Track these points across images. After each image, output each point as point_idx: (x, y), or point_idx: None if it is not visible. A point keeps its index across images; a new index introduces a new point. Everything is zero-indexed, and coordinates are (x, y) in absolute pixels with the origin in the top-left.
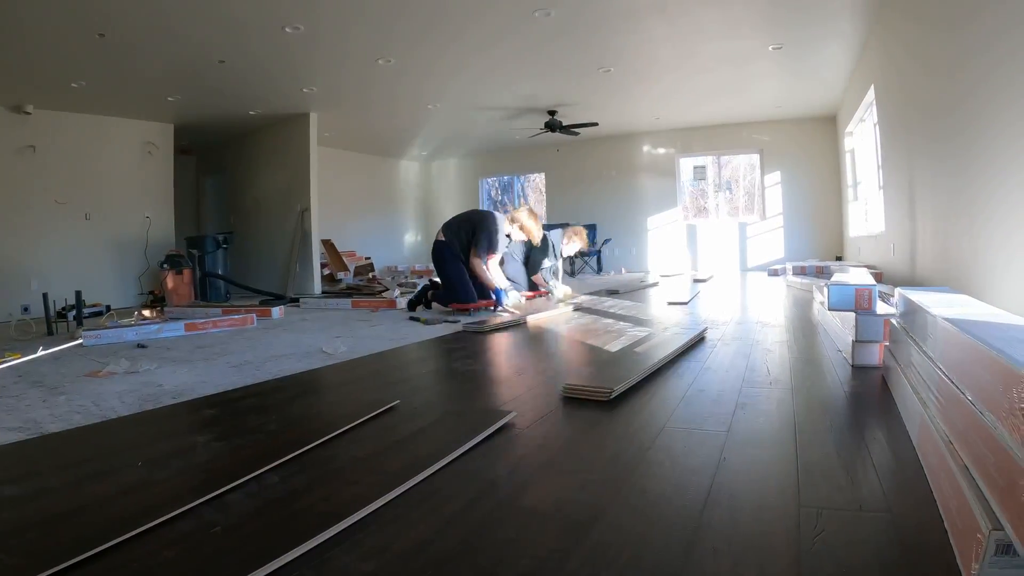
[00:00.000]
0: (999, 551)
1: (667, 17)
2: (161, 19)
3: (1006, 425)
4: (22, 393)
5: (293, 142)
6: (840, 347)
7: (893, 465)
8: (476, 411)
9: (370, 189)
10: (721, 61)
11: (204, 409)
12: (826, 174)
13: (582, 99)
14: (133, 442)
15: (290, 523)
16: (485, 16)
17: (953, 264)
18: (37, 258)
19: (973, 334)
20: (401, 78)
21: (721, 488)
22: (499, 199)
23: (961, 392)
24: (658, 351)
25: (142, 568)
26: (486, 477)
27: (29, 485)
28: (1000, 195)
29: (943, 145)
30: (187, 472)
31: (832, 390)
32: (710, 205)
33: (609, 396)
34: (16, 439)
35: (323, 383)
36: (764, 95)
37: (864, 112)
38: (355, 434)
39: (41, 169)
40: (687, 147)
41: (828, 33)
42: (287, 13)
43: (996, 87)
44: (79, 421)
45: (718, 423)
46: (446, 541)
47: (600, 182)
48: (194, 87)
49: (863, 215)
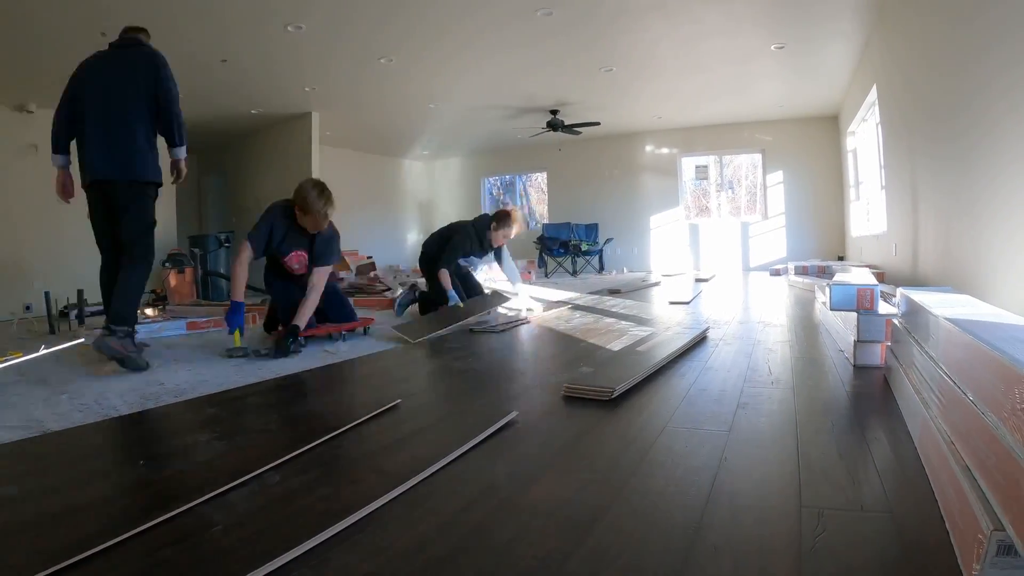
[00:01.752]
0: (1000, 552)
1: (668, 16)
2: (163, 18)
3: (1008, 425)
4: (24, 392)
5: (295, 141)
6: (842, 347)
7: (895, 465)
8: (477, 410)
9: (372, 188)
10: (723, 60)
11: (205, 408)
12: (828, 174)
13: (584, 98)
14: (134, 441)
15: (290, 522)
16: (487, 16)
17: (955, 264)
18: (39, 257)
19: (975, 334)
20: (403, 77)
21: (722, 488)
22: (501, 198)
23: (963, 392)
24: (660, 350)
25: (142, 567)
26: (487, 477)
27: (30, 484)
28: (1003, 196)
29: (946, 146)
30: (188, 471)
31: (834, 390)
32: (712, 205)
33: (611, 395)
34: (18, 437)
35: (325, 382)
36: (766, 94)
37: (866, 112)
38: (356, 433)
39: (44, 168)
40: (689, 146)
41: (830, 32)
42: (289, 12)
43: (1000, 89)
44: (80, 420)
45: (720, 423)
46: (447, 541)
47: (602, 181)
48: (196, 86)
49: (865, 215)
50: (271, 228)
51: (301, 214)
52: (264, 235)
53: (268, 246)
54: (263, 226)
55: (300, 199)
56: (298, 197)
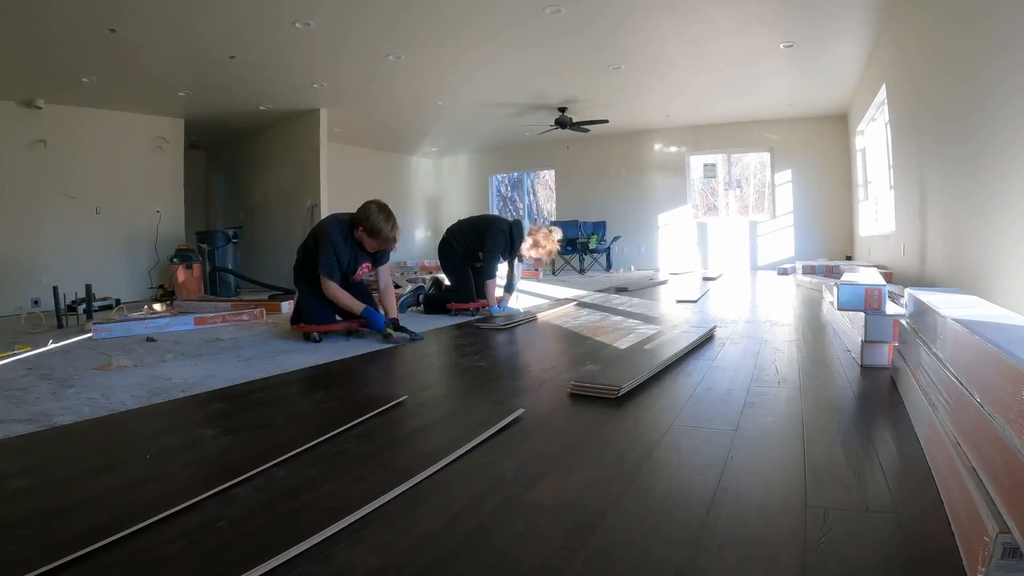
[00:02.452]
0: (1006, 554)
1: (677, 14)
2: (171, 14)
3: (1014, 427)
4: (32, 386)
5: (303, 138)
6: (849, 347)
7: (901, 466)
8: (484, 407)
9: (380, 185)
10: (731, 59)
11: (213, 403)
12: (837, 173)
13: (592, 96)
14: (142, 435)
15: (296, 518)
16: (495, 13)
17: (963, 265)
18: (47, 252)
19: (982, 335)
20: (411, 74)
21: (728, 487)
22: (508, 195)
23: (970, 393)
24: (667, 349)
25: (148, 561)
26: (493, 473)
27: (38, 477)
28: (1012, 199)
29: (955, 147)
30: (195, 465)
31: (841, 390)
32: (720, 203)
33: (617, 394)
34: (26, 431)
35: (332, 377)
36: (774, 93)
37: (875, 111)
38: (363, 429)
39: (52, 164)
40: (697, 145)
41: (839, 31)
42: (297, 8)
43: (1010, 92)
44: (88, 414)
45: (726, 422)
46: (452, 537)
47: (610, 179)
48: (204, 82)
49: (873, 215)
50: (336, 254)
51: (366, 236)
52: (335, 263)
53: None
54: (328, 254)
55: (369, 225)
56: (365, 222)
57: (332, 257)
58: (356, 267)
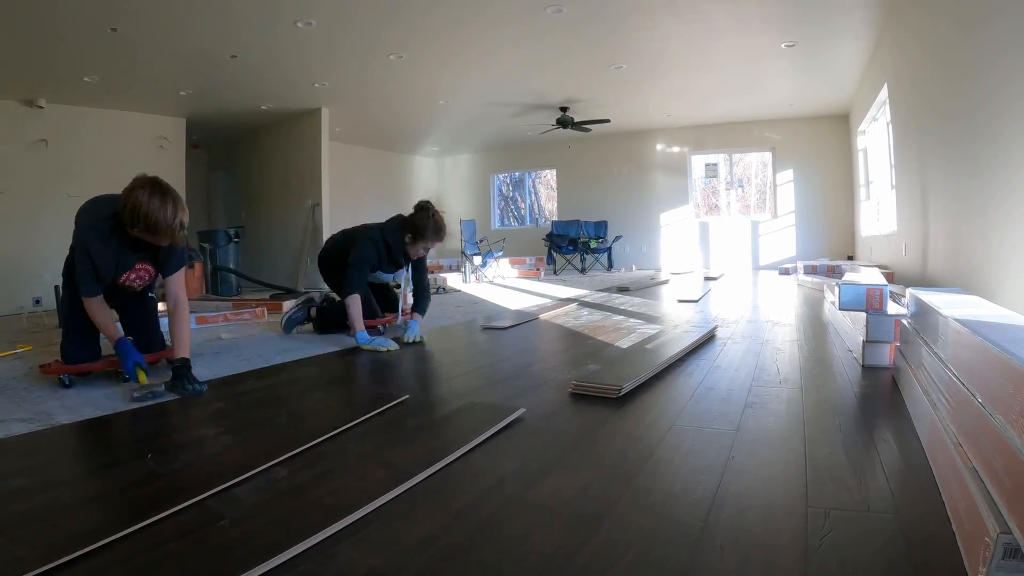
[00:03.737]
0: (1007, 555)
1: (679, 14)
2: (173, 13)
3: (1015, 428)
4: (33, 385)
5: (304, 137)
6: (851, 347)
7: (902, 466)
8: (485, 407)
9: (381, 184)
10: (733, 58)
11: (213, 402)
12: (838, 173)
13: (594, 95)
14: (143, 434)
15: (297, 517)
16: (497, 12)
17: (965, 265)
18: (49, 251)
19: (984, 336)
20: (412, 73)
21: (729, 487)
22: (510, 195)
23: (971, 394)
24: (668, 349)
25: (149, 560)
26: (494, 473)
27: (38, 476)
28: (1014, 200)
29: (957, 148)
30: (195, 465)
31: (842, 390)
32: (722, 203)
33: (618, 393)
34: (28, 430)
35: (334, 376)
36: (776, 93)
37: (877, 111)
38: (364, 428)
39: (53, 163)
40: (699, 144)
41: (841, 30)
42: (298, 8)
43: (1013, 94)
44: (89, 413)
45: (727, 422)
46: (453, 536)
47: (611, 179)
48: (206, 82)
49: (875, 215)
50: (92, 259)
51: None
52: (91, 272)
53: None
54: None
55: (140, 216)
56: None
57: (87, 266)
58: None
